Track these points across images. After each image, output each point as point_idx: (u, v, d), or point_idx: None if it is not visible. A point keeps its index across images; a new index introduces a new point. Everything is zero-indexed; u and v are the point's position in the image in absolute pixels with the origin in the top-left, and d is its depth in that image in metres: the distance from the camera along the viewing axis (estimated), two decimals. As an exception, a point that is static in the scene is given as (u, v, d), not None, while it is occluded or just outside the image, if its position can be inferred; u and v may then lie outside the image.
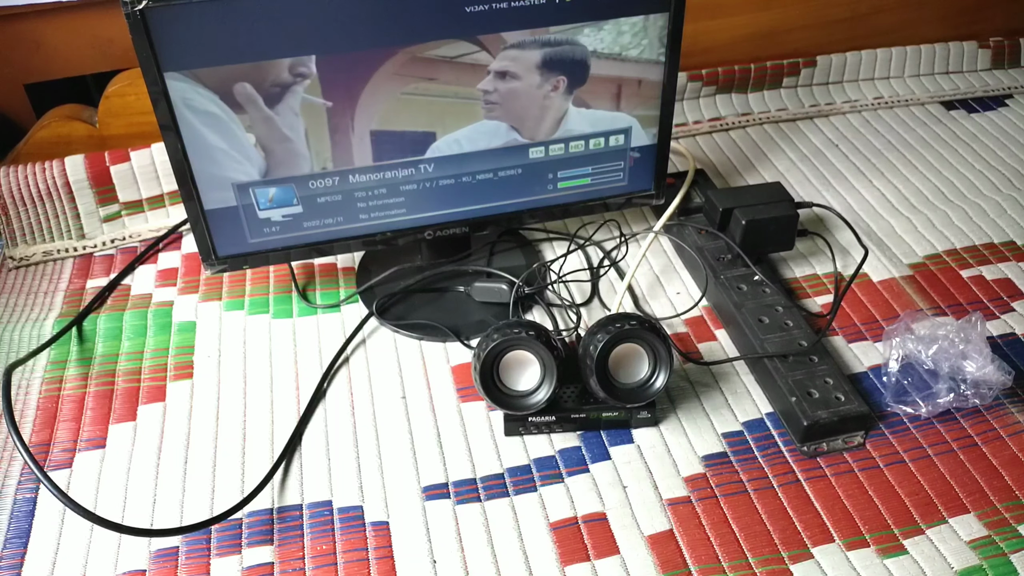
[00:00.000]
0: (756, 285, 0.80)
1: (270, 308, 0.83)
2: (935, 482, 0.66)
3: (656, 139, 0.79)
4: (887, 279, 0.85)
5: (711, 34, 1.11)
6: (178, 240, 0.92)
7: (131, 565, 0.61)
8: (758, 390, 0.74)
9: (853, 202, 0.96)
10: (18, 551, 0.62)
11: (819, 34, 1.15)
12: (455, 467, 0.67)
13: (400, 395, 0.74)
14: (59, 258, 0.90)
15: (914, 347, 0.72)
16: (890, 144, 1.06)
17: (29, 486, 0.66)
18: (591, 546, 0.62)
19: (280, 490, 0.66)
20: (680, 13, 0.71)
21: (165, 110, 0.65)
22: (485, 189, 0.77)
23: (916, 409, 0.70)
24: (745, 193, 0.85)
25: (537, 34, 0.68)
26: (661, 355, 0.67)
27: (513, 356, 0.67)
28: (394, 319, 0.80)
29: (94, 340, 0.79)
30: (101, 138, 0.95)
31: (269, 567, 0.61)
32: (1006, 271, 0.86)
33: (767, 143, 1.07)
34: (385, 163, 0.72)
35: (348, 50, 0.66)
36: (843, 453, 0.68)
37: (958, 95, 1.15)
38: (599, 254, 0.89)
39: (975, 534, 0.62)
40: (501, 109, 0.72)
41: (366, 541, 0.62)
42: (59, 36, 0.93)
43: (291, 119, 0.68)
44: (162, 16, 0.61)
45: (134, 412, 0.72)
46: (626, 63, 0.72)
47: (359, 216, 0.75)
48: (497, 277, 0.82)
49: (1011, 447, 0.68)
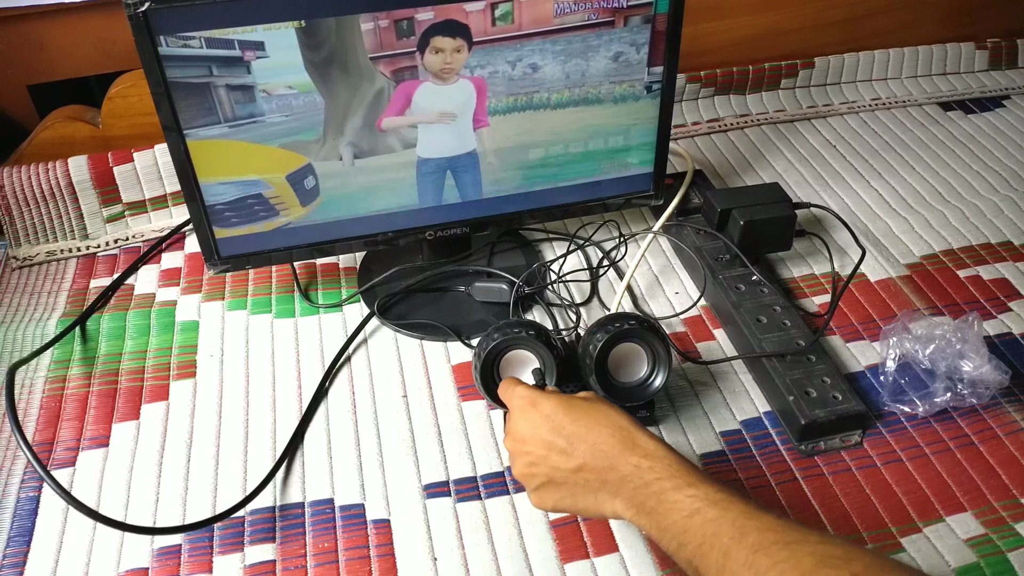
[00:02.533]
0: (754, 285, 0.80)
1: (272, 308, 0.83)
2: (932, 481, 0.66)
3: (655, 140, 0.79)
4: (884, 279, 0.85)
5: (710, 36, 1.11)
6: (181, 240, 0.92)
7: (134, 563, 0.61)
8: (756, 389, 0.74)
9: (851, 203, 0.97)
10: (21, 549, 0.62)
11: (817, 36, 1.16)
12: (456, 465, 0.68)
13: (401, 394, 0.74)
14: (62, 258, 0.90)
15: (911, 347, 0.72)
16: (887, 145, 1.07)
17: (32, 484, 0.67)
18: (591, 544, 0.62)
19: (282, 488, 0.66)
20: (679, 15, 0.72)
21: (168, 111, 0.65)
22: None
23: (913, 408, 0.71)
24: (743, 194, 0.85)
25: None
26: (660, 355, 0.67)
27: (513, 355, 0.67)
28: (395, 319, 0.80)
29: (97, 339, 0.80)
30: (104, 139, 0.95)
31: (271, 565, 0.61)
32: (1003, 271, 0.86)
33: (765, 144, 1.07)
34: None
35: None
36: (840, 452, 0.69)
37: (955, 96, 1.16)
38: (598, 254, 0.89)
39: (972, 533, 0.63)
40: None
41: (367, 539, 0.63)
42: (62, 37, 0.93)
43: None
44: (164, 17, 0.61)
45: (137, 411, 0.73)
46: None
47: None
48: (497, 277, 0.83)
49: (1008, 446, 0.69)
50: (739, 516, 0.48)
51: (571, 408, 0.56)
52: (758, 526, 0.47)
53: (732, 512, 0.48)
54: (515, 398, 0.60)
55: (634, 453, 0.53)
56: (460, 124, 0.73)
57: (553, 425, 0.56)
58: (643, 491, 0.51)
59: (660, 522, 0.50)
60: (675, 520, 0.49)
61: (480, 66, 0.70)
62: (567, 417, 0.56)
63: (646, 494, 0.51)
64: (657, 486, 0.51)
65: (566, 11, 0.69)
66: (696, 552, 0.48)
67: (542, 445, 0.56)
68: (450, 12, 0.67)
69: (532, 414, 0.57)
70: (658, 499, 0.50)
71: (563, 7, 0.69)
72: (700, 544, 0.48)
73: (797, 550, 0.45)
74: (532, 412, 0.57)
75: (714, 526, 0.48)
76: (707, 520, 0.48)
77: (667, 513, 0.50)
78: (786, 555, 0.44)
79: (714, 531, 0.47)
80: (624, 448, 0.53)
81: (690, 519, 0.49)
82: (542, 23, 0.69)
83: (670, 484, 0.51)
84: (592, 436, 0.54)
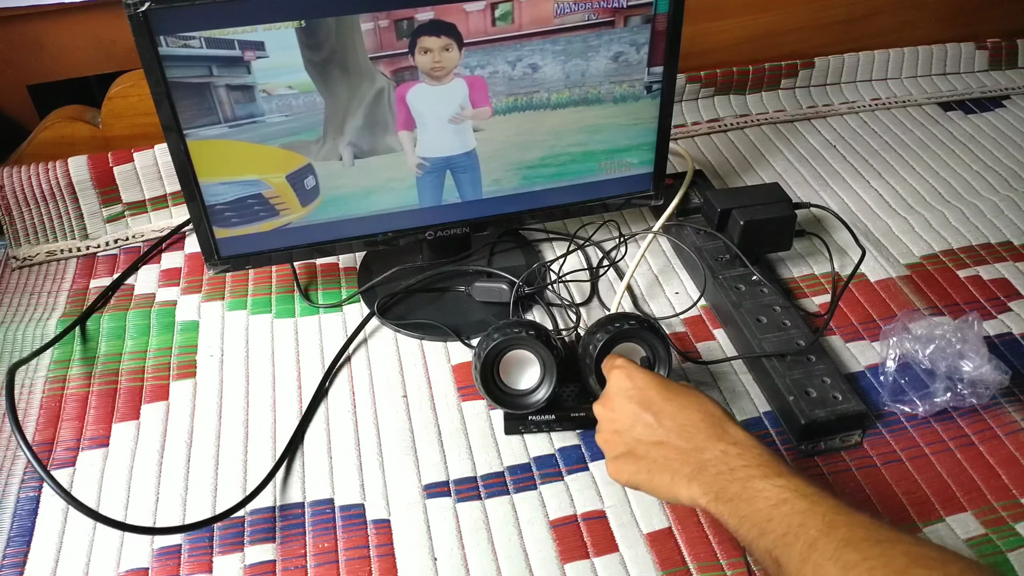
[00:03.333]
0: (754, 285, 0.80)
1: (272, 308, 0.83)
2: (932, 481, 0.66)
3: (655, 140, 0.79)
4: (884, 279, 0.85)
5: (710, 36, 1.11)
6: (181, 240, 0.92)
7: (134, 563, 0.61)
8: (756, 389, 0.74)
9: (851, 203, 0.97)
10: (21, 549, 0.62)
11: (817, 36, 1.16)
12: (456, 465, 0.68)
13: (401, 394, 0.74)
14: (62, 258, 0.90)
15: (911, 347, 0.72)
16: (887, 145, 1.07)
17: (32, 484, 0.67)
18: (591, 544, 0.62)
19: (282, 488, 0.66)
20: (679, 15, 0.72)
21: (168, 111, 0.65)
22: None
23: (913, 408, 0.71)
24: (743, 194, 0.85)
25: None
26: (660, 354, 0.67)
27: (513, 355, 0.67)
28: (395, 319, 0.80)
29: (97, 339, 0.80)
30: (104, 139, 0.95)
31: (271, 565, 0.61)
32: (1003, 271, 0.86)
33: (765, 144, 1.07)
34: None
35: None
36: (840, 452, 0.69)
37: (955, 96, 1.16)
38: (598, 254, 0.89)
39: (972, 533, 0.63)
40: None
41: (367, 539, 0.63)
42: (62, 37, 0.93)
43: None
44: (164, 17, 0.61)
45: (137, 411, 0.73)
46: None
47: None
48: (497, 277, 0.83)
49: (1008, 446, 0.69)
50: (829, 511, 0.47)
51: (666, 388, 0.57)
52: (849, 522, 0.46)
53: (822, 506, 0.47)
54: (615, 368, 0.61)
55: (723, 440, 0.53)
56: (460, 123, 0.73)
57: (645, 397, 0.57)
58: (726, 476, 0.51)
59: (741, 509, 0.49)
60: (759, 508, 0.48)
61: (480, 66, 0.70)
62: (660, 394, 0.57)
63: (730, 479, 0.51)
64: (743, 472, 0.50)
65: (566, 11, 0.69)
66: (779, 541, 0.47)
67: (629, 415, 0.57)
68: (449, 12, 0.67)
69: (626, 384, 0.59)
70: (743, 486, 0.50)
71: (563, 7, 0.69)
72: (784, 534, 0.47)
73: (889, 548, 0.43)
74: (627, 382, 0.59)
75: (802, 517, 0.47)
76: (795, 511, 0.47)
77: (751, 500, 0.49)
78: (877, 552, 0.43)
79: (801, 522, 0.46)
80: (713, 433, 0.53)
81: (776, 508, 0.48)
82: (542, 23, 0.69)
83: (758, 472, 0.50)
84: (681, 416, 0.55)
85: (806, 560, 0.45)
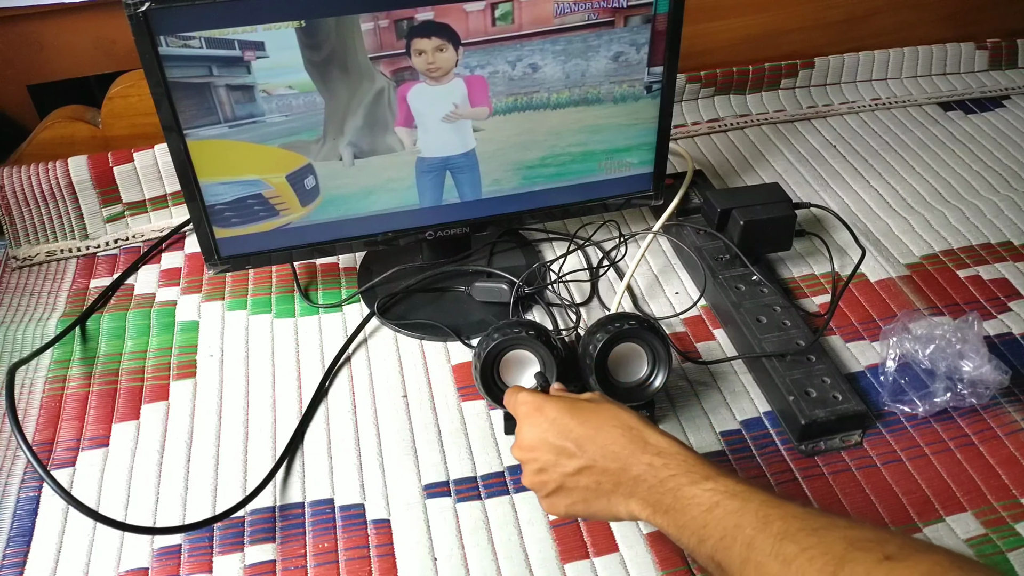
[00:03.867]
0: (754, 285, 0.80)
1: (272, 308, 0.83)
2: (932, 481, 0.66)
3: (655, 140, 0.79)
4: (884, 279, 0.85)
5: (710, 36, 1.11)
6: (181, 240, 0.92)
7: (134, 563, 0.61)
8: (756, 389, 0.74)
9: (851, 203, 0.97)
10: (21, 549, 0.62)
11: (817, 36, 1.16)
12: (456, 465, 0.68)
13: (401, 394, 0.74)
14: (62, 258, 0.90)
15: (911, 347, 0.72)
16: (887, 145, 1.07)
17: (32, 484, 0.67)
18: (591, 544, 0.62)
19: (282, 488, 0.66)
20: (679, 15, 0.72)
21: (168, 111, 0.65)
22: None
23: (913, 408, 0.71)
24: (743, 194, 0.85)
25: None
26: (660, 354, 0.67)
27: (513, 355, 0.67)
28: (395, 319, 0.80)
29: (97, 339, 0.80)
30: (104, 139, 0.95)
31: (271, 565, 0.61)
32: (1003, 271, 0.86)
33: (765, 144, 1.07)
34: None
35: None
36: (841, 452, 0.69)
37: (955, 96, 1.16)
38: (598, 254, 0.89)
39: (972, 532, 0.63)
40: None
41: (367, 539, 0.63)
42: (62, 37, 0.93)
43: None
44: (164, 17, 0.61)
45: (137, 411, 0.73)
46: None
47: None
48: (497, 277, 0.83)
49: (1008, 446, 0.69)
50: (761, 506, 0.46)
51: (577, 410, 0.55)
52: (782, 514, 0.45)
53: (753, 502, 0.47)
54: (519, 405, 0.59)
55: (646, 452, 0.52)
56: (459, 123, 0.73)
57: (560, 429, 0.55)
58: (658, 489, 0.50)
59: (678, 519, 0.49)
60: (694, 516, 0.48)
61: (480, 66, 0.70)
62: (574, 420, 0.55)
63: (662, 492, 0.50)
64: (673, 483, 0.50)
65: (566, 11, 0.69)
66: (718, 546, 0.46)
67: (550, 451, 0.55)
68: (449, 12, 0.67)
69: (538, 419, 0.56)
70: (675, 496, 0.49)
71: (563, 7, 0.69)
72: (722, 537, 0.46)
73: (826, 535, 0.43)
74: (538, 417, 0.56)
75: (735, 518, 0.46)
76: (728, 512, 0.47)
77: (685, 509, 0.49)
78: (815, 541, 0.43)
79: (736, 523, 0.46)
80: (635, 447, 0.52)
81: (710, 513, 0.47)
82: (542, 23, 0.69)
83: (686, 480, 0.49)
84: (601, 437, 0.53)
85: (747, 561, 0.45)
